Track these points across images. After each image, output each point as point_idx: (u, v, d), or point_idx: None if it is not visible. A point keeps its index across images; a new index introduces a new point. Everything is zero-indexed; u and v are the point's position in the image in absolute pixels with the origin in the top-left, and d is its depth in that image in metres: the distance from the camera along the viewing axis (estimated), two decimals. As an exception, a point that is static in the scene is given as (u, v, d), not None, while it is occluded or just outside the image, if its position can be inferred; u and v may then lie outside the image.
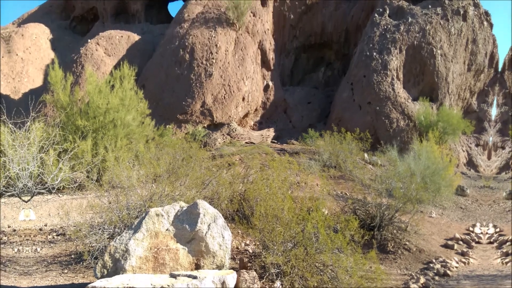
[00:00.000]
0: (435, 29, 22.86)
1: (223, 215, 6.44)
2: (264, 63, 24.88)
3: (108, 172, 8.03)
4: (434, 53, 22.70)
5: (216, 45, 22.18)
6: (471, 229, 11.09)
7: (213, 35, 22.50)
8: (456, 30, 23.35)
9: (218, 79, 21.60)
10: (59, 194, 9.24)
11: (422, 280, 7.54)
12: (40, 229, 7.96)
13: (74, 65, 23.31)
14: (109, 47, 25.14)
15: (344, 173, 13.28)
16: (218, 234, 6.12)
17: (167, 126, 19.48)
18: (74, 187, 9.31)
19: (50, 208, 8.55)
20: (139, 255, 5.92)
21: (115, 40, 25.71)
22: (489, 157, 23.91)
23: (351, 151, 15.36)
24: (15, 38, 26.37)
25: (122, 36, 26.15)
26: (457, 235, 10.22)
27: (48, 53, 27.79)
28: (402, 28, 22.89)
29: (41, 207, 8.68)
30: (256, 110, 23.86)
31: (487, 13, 25.10)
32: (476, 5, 24.64)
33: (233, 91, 21.77)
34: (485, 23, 24.76)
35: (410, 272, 8.01)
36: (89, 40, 25.74)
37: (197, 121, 21.28)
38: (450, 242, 9.70)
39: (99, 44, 24.96)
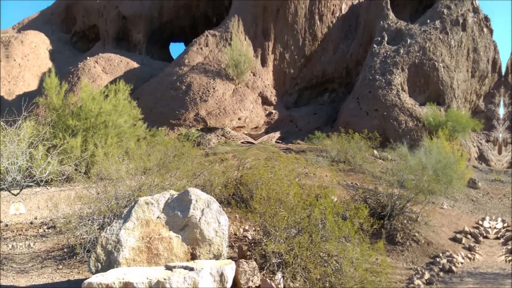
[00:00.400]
0: (435, 45, 23.35)
1: (217, 200, 6.24)
2: (266, 103, 25.26)
3: (97, 165, 8.01)
4: (437, 66, 23.09)
5: (213, 88, 22.50)
6: (480, 222, 11.05)
7: (211, 82, 22.90)
8: (456, 42, 23.81)
9: (214, 105, 21.78)
10: (47, 187, 9.33)
11: (427, 276, 7.48)
12: (31, 223, 8.01)
13: (71, 76, 23.70)
14: (107, 66, 25.59)
15: (354, 167, 13.26)
16: (213, 220, 5.95)
17: (160, 128, 19.57)
18: (62, 179, 9.40)
19: (39, 201, 8.59)
20: (131, 246, 5.77)
21: (114, 62, 26.22)
22: (499, 152, 24.14)
23: (360, 149, 15.34)
24: (15, 44, 27.05)
25: (121, 61, 26.70)
26: (466, 228, 10.16)
27: (46, 62, 28.48)
28: (402, 51, 23.43)
29: (30, 200, 8.72)
30: (256, 127, 23.91)
31: (486, 18, 25.40)
32: (476, 10, 24.96)
33: (229, 113, 21.86)
34: (485, 29, 25.11)
35: (416, 267, 7.95)
36: (88, 58, 26.20)
37: (190, 125, 21.39)
38: (458, 236, 9.64)
39: (97, 63, 25.46)
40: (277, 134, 23.32)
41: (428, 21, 24.33)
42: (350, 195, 10.15)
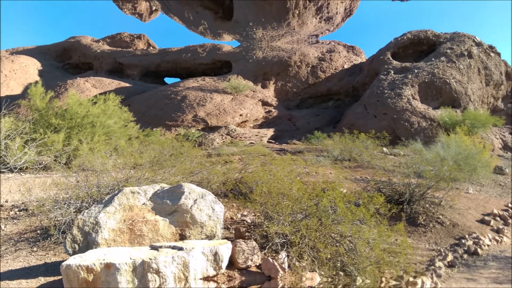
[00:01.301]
0: (443, 70, 23.45)
1: (213, 193, 6.07)
2: (265, 105, 25.73)
3: (80, 158, 7.78)
4: (448, 82, 23.05)
5: (211, 98, 22.97)
6: (510, 205, 10.67)
7: (208, 94, 23.43)
8: (464, 65, 24.02)
9: (212, 107, 21.98)
10: (21, 173, 9.10)
11: (450, 257, 7.12)
12: (1, 205, 7.87)
13: (58, 87, 23.89)
14: (97, 84, 25.92)
15: (362, 164, 12.74)
16: (207, 207, 5.68)
17: (155, 129, 19.08)
18: (38, 167, 9.21)
19: (11, 185, 8.41)
20: (111, 227, 5.43)
21: (104, 82, 26.61)
22: None
23: (367, 147, 14.74)
24: (5, 61, 27.87)
25: (113, 82, 27.21)
26: (495, 211, 9.78)
27: (34, 77, 29.07)
28: (410, 76, 23.54)
29: (1, 185, 8.50)
30: (256, 120, 24.13)
31: (491, 47, 25.93)
32: (479, 44, 25.43)
33: (229, 112, 22.07)
34: (492, 54, 25.50)
35: (439, 248, 7.53)
36: (78, 77, 26.55)
37: (189, 126, 21.14)
38: (487, 218, 9.26)
39: (87, 81, 25.79)
40: (270, 132, 22.87)
41: (433, 59, 24.66)
42: (360, 187, 9.75)
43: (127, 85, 27.49)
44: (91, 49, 33.70)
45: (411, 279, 5.97)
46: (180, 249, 5.05)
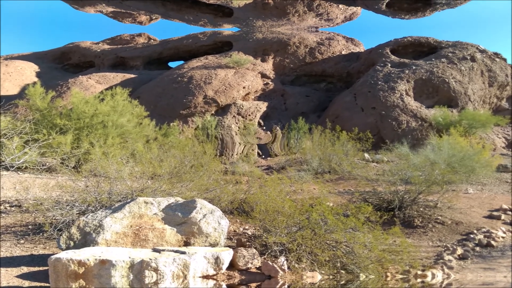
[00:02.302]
0: (443, 70, 22.74)
1: (222, 210, 6.38)
2: (264, 77, 26.96)
3: (92, 163, 7.59)
4: (447, 81, 22.33)
5: (215, 74, 24.05)
6: None
7: (212, 71, 24.57)
8: (466, 68, 23.30)
9: (218, 83, 23.15)
10: (19, 173, 8.95)
11: (460, 251, 6.95)
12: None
13: (59, 87, 23.70)
14: (101, 80, 25.83)
15: (342, 175, 12.71)
16: (214, 221, 5.92)
17: (171, 124, 18.74)
18: (41, 169, 9.03)
19: (5, 182, 8.20)
20: (115, 231, 5.51)
21: (108, 77, 26.50)
22: None
23: (346, 153, 14.48)
24: None
25: (117, 75, 27.10)
26: (504, 206, 9.59)
27: (31, 78, 28.34)
28: (407, 71, 22.94)
29: None
30: (256, 91, 25.45)
31: (496, 54, 25.20)
32: (483, 51, 24.75)
33: (233, 86, 23.33)
34: (497, 59, 24.81)
35: (444, 244, 7.41)
36: (80, 75, 26.38)
37: (203, 110, 21.90)
38: (495, 213, 9.07)
39: (90, 78, 25.51)
40: (263, 106, 24.30)
41: (433, 59, 24.03)
42: (346, 199, 9.65)
43: (132, 76, 27.58)
44: (91, 50, 33.65)
45: (419, 272, 6.00)
46: (183, 253, 5.19)
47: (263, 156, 21.91)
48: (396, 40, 27.10)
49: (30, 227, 6.37)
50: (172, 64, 34.51)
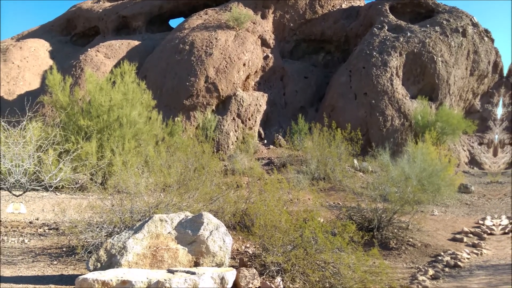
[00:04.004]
0: (435, 42, 22.90)
1: (225, 225, 6.53)
2: (264, 44, 25.75)
3: (115, 176, 7.73)
4: (435, 59, 22.62)
5: (216, 38, 22.92)
6: (480, 222, 10.76)
7: (213, 34, 23.36)
8: (456, 43, 23.40)
9: (219, 56, 22.13)
10: (56, 193, 8.99)
11: (431, 272, 7.33)
12: (30, 222, 7.70)
13: (73, 69, 23.37)
14: (109, 52, 25.33)
15: (334, 184, 12.94)
16: (219, 239, 6.21)
17: (176, 118, 18.92)
18: (74, 187, 8.94)
19: (45, 204, 8.30)
20: (136, 252, 5.88)
21: (115, 47, 25.95)
22: (495, 154, 23.36)
23: (340, 157, 14.91)
24: (13, 50, 26.45)
25: (122, 44, 26.46)
26: (466, 229, 9.95)
27: (47, 61, 27.75)
28: (401, 39, 22.97)
29: (34, 202, 8.40)
30: (256, 72, 24.45)
31: (487, 31, 25.16)
32: (475, 25, 24.67)
33: (234, 61, 22.29)
34: (486, 38, 24.82)
35: (417, 265, 7.81)
36: (89, 49, 25.89)
37: (204, 102, 21.32)
38: (458, 236, 9.44)
39: (99, 51, 25.17)
40: (264, 101, 23.50)
41: (428, 25, 24.05)
42: (334, 215, 10.03)
43: (136, 43, 27.00)
44: (93, 11, 32.33)
45: (398, 292, 6.27)
46: (193, 273, 5.60)
47: (265, 142, 22.13)
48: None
49: (64, 249, 6.54)
50: (173, 23, 32.99)
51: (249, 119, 22.28)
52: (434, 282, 6.89)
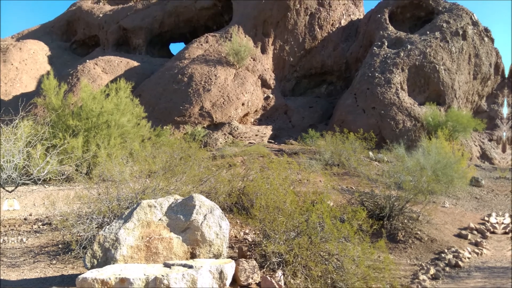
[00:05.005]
0: (435, 51, 23.09)
1: (220, 207, 6.26)
2: (264, 85, 25.62)
3: (99, 166, 7.78)
4: (437, 68, 22.80)
5: (215, 75, 22.73)
6: (486, 218, 10.81)
7: (213, 69, 23.17)
8: (457, 48, 23.60)
9: (217, 93, 21.87)
10: (45, 185, 9.03)
11: (432, 271, 7.35)
12: (25, 219, 7.80)
13: (70, 77, 23.59)
14: (107, 67, 25.58)
15: (348, 170, 12.89)
16: (215, 224, 5.98)
17: (164, 127, 19.14)
18: (61, 179, 9.08)
19: (35, 198, 8.36)
20: (130, 244, 5.73)
21: (113, 63, 26.20)
22: (503, 150, 23.79)
23: (355, 150, 14.86)
24: (12, 50, 26.96)
25: (121, 61, 26.69)
26: (472, 225, 9.94)
27: (45, 66, 28.29)
28: (402, 54, 23.17)
29: (26, 197, 8.47)
30: (256, 111, 24.22)
31: (486, 30, 25.37)
32: (475, 23, 24.86)
33: (232, 100, 21.99)
34: (486, 38, 25.02)
35: (420, 263, 7.76)
36: (87, 60, 26.12)
37: (196, 122, 21.13)
38: (464, 232, 9.42)
39: (97, 64, 25.44)
40: (268, 131, 23.05)
41: (428, 32, 24.18)
42: (346, 199, 9.87)
43: (135, 63, 27.16)
44: (93, 14, 32.73)
45: (398, 291, 6.17)
46: (190, 267, 5.41)
47: (276, 142, 21.90)
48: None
49: (60, 246, 6.61)
50: (174, 48, 33.63)
51: (247, 138, 21.77)
52: (434, 283, 6.97)
